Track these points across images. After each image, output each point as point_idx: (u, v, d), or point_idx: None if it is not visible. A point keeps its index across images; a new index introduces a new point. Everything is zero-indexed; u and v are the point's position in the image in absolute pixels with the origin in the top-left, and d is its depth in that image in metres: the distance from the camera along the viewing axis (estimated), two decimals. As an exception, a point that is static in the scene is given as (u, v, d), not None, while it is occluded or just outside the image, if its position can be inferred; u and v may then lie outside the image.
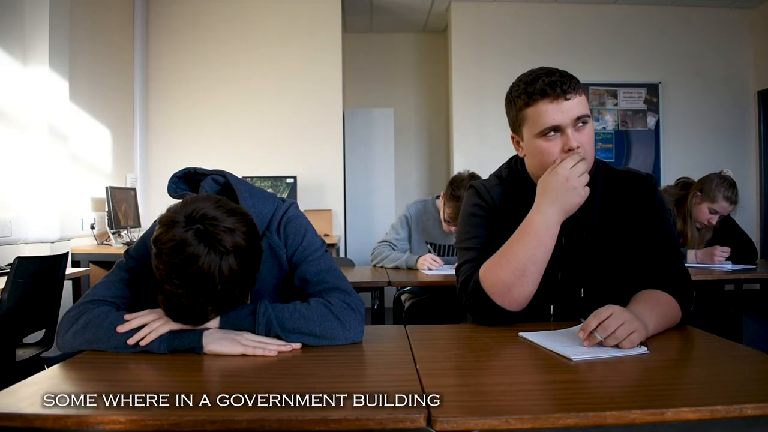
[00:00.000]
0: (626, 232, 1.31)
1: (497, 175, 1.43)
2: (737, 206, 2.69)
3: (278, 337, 1.09)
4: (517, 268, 1.20)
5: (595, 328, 1.02)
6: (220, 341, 1.05)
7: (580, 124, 1.23)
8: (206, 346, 1.04)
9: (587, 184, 1.25)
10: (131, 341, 1.04)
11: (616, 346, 1.01)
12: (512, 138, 1.36)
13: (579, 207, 1.24)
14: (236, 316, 1.10)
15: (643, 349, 1.01)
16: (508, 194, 1.37)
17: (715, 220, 2.67)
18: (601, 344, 1.01)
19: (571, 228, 1.30)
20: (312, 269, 1.22)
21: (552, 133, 1.23)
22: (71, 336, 1.08)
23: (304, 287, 1.22)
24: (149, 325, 1.06)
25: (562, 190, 1.20)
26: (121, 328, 1.06)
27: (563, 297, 1.32)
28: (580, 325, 1.06)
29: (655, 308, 1.15)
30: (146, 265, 1.12)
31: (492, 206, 1.36)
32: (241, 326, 1.09)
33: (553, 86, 1.21)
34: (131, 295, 1.19)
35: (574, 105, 1.21)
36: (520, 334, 1.14)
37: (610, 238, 1.31)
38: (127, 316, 1.07)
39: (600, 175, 1.35)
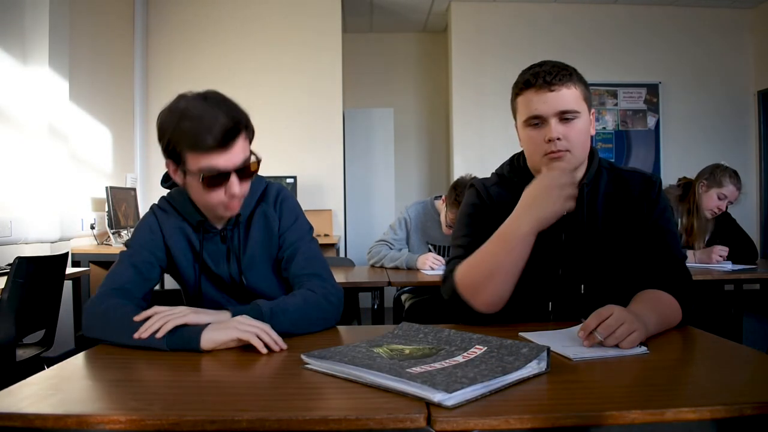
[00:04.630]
0: (629, 231, 1.31)
1: (498, 173, 1.44)
2: (741, 194, 2.71)
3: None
4: (485, 270, 1.20)
5: (595, 328, 1.02)
6: (216, 330, 1.05)
7: (568, 117, 1.23)
8: (203, 335, 1.04)
9: (586, 182, 1.26)
10: (137, 335, 1.05)
11: (617, 346, 1.01)
12: (516, 129, 1.36)
13: (569, 214, 1.22)
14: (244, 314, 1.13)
15: (643, 349, 1.01)
16: (507, 192, 1.37)
17: (724, 206, 2.68)
18: (601, 344, 1.01)
19: (571, 225, 1.31)
20: (301, 255, 1.33)
21: (536, 122, 1.24)
22: (89, 328, 1.14)
23: (288, 266, 1.33)
24: (156, 318, 1.07)
25: (541, 198, 1.17)
26: (137, 317, 1.08)
27: (563, 293, 1.32)
28: (580, 325, 1.06)
29: (656, 308, 1.15)
30: (146, 244, 1.30)
31: (490, 205, 1.37)
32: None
33: (536, 77, 1.23)
34: (138, 279, 1.27)
35: (559, 97, 1.22)
36: (520, 333, 1.14)
37: (613, 236, 1.31)
38: (137, 318, 1.08)
39: (604, 173, 1.35)
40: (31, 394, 0.81)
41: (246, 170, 1.22)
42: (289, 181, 4.54)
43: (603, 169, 1.36)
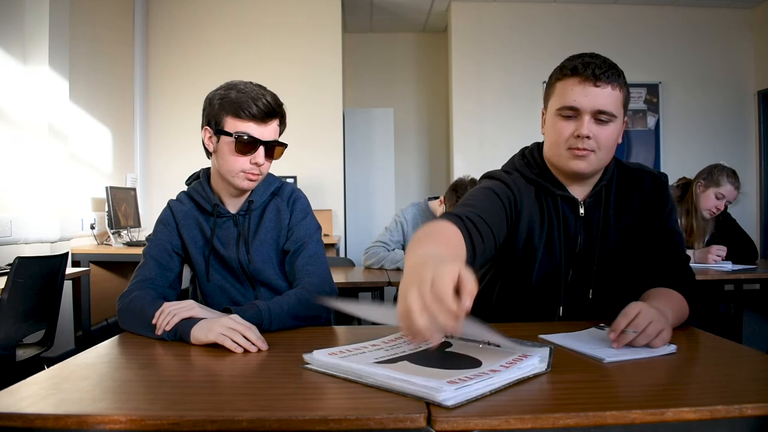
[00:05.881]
0: (638, 231, 1.29)
1: (516, 168, 1.35)
2: (740, 194, 2.70)
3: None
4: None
5: (626, 327, 0.99)
6: (201, 328, 1.10)
7: (603, 119, 1.17)
8: (192, 332, 1.10)
9: (605, 183, 1.26)
10: (158, 332, 1.14)
11: (647, 345, 0.98)
12: (542, 113, 1.31)
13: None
14: (246, 315, 1.16)
15: (672, 348, 0.99)
16: (525, 183, 1.30)
17: (722, 205, 2.66)
18: (629, 344, 0.99)
19: (588, 226, 1.28)
20: (306, 252, 1.41)
21: (570, 113, 1.18)
22: (120, 321, 1.25)
23: (292, 260, 1.41)
24: (164, 314, 1.14)
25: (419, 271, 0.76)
26: (154, 320, 1.16)
27: (571, 298, 1.30)
28: (595, 326, 1.05)
29: (672, 305, 1.14)
30: (162, 237, 1.39)
31: (514, 191, 1.28)
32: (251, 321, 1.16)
33: (586, 66, 1.17)
34: (160, 269, 1.36)
35: (602, 95, 1.16)
36: (541, 336, 1.10)
37: (624, 238, 1.29)
38: (154, 321, 1.16)
39: (615, 172, 1.32)
40: (31, 394, 0.81)
41: (272, 150, 1.39)
42: (289, 181, 4.54)
43: (613, 168, 1.33)
